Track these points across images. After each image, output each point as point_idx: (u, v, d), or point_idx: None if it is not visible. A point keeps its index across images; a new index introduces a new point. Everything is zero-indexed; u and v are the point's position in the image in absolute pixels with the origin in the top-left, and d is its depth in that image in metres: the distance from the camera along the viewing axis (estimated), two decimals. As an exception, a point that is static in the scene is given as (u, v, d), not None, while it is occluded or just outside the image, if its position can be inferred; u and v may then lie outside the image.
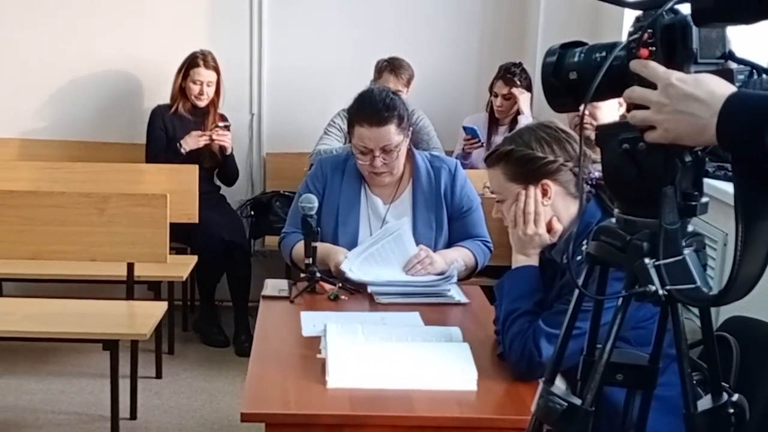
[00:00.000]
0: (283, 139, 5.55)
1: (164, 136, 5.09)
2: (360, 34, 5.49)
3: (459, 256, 3.11)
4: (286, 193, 5.06)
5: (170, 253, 4.17)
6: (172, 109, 5.10)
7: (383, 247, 3.04)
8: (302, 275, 3.00)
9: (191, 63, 5.06)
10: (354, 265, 2.99)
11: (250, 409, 2.07)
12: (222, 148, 5.08)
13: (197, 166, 4.88)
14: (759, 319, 2.15)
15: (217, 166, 5.21)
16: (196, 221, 4.77)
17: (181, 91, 5.10)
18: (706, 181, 2.91)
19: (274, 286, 3.02)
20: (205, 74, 5.06)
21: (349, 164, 3.23)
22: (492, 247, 3.24)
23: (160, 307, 3.95)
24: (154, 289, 4.60)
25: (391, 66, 4.95)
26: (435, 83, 5.41)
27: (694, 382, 1.69)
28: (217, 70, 5.11)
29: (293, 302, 2.86)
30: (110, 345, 3.59)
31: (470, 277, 3.15)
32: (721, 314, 2.46)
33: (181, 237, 4.84)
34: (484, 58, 5.50)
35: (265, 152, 5.50)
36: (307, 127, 5.20)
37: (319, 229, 2.98)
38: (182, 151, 5.02)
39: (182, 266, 4.63)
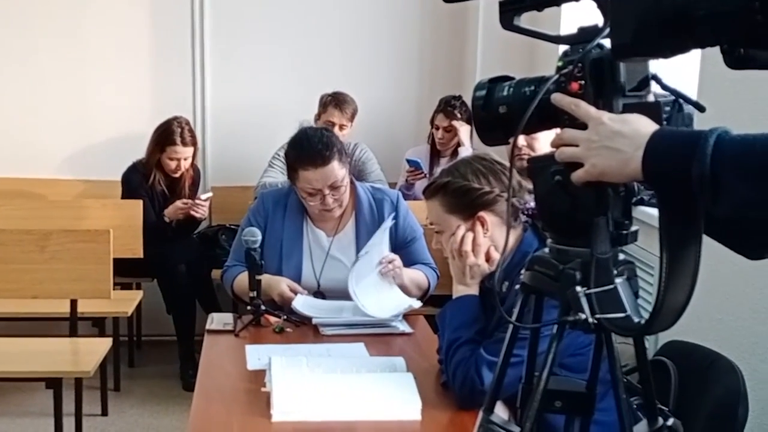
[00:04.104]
0: (227, 172, 5.55)
1: (149, 201, 4.98)
2: (303, 69, 5.53)
3: (415, 276, 3.16)
4: (232, 227, 5.06)
5: (115, 289, 4.14)
6: (149, 181, 4.98)
7: (372, 245, 3.05)
8: (248, 308, 3.00)
9: (168, 140, 4.91)
10: (353, 280, 2.98)
11: (194, 446, 2.07)
12: (197, 218, 5.02)
13: (141, 201, 4.86)
14: (695, 343, 2.20)
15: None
16: (141, 256, 4.75)
17: (157, 164, 5.00)
18: (644, 209, 2.99)
19: (219, 319, 3.02)
20: (182, 152, 4.95)
21: (291, 198, 3.24)
22: (438, 271, 3.27)
23: (104, 344, 3.91)
24: (98, 325, 4.55)
25: (335, 100, 5.00)
26: (378, 117, 5.48)
27: (635, 406, 1.73)
28: (194, 143, 5.02)
29: (238, 336, 2.86)
30: (53, 383, 3.55)
31: (424, 298, 3.16)
32: (661, 339, 2.51)
33: (144, 271, 4.91)
34: (425, 91, 5.58)
35: (210, 186, 5.48)
36: (252, 161, 5.22)
37: (262, 262, 2.98)
38: (166, 220, 4.97)
39: (127, 302, 4.61)
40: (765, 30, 1.13)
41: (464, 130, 4.98)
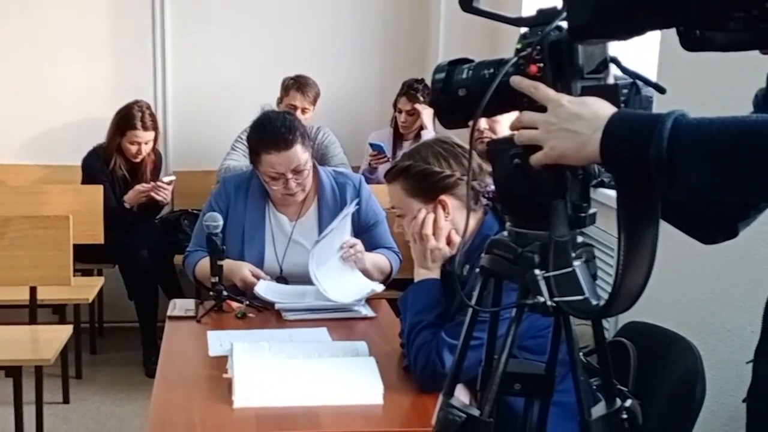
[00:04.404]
0: (189, 157, 5.51)
1: (110, 186, 4.93)
2: (265, 52, 5.50)
3: (377, 260, 3.15)
4: (194, 212, 5.02)
5: (75, 275, 4.10)
6: (110, 166, 4.93)
7: (334, 230, 3.03)
8: (211, 293, 2.98)
9: (129, 124, 4.86)
10: (313, 264, 2.96)
11: (154, 434, 2.05)
12: (160, 201, 4.97)
13: (102, 187, 4.82)
14: (654, 324, 2.21)
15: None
16: (102, 242, 4.70)
17: (117, 148, 4.94)
18: (604, 191, 3.00)
19: (181, 306, 3.00)
20: (143, 136, 4.90)
21: (254, 183, 3.21)
22: (400, 255, 3.27)
23: (64, 331, 3.87)
24: (59, 312, 4.51)
25: (297, 84, 4.97)
26: (340, 100, 5.46)
27: (594, 387, 1.74)
28: (155, 127, 4.97)
29: (200, 322, 2.84)
30: (13, 371, 3.51)
31: (386, 282, 3.16)
32: (620, 320, 2.53)
33: (105, 257, 4.88)
34: (387, 74, 5.56)
35: (171, 170, 5.43)
36: (214, 145, 5.18)
37: (224, 247, 2.96)
38: (126, 206, 4.92)
39: (88, 288, 4.56)
40: (720, 12, 1.13)
41: (427, 114, 4.97)
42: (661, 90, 1.42)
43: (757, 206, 1.57)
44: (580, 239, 1.45)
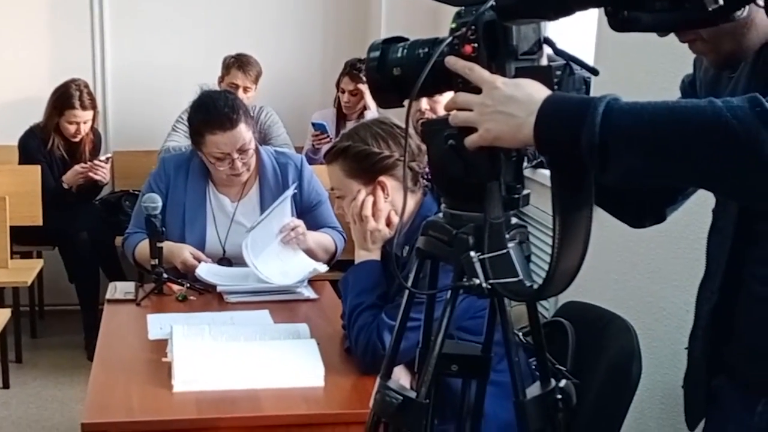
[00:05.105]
0: (130, 136, 5.42)
1: (48, 166, 4.85)
2: (206, 31, 5.42)
3: (321, 239, 3.13)
4: (135, 192, 4.94)
5: (14, 258, 4.02)
6: (47, 146, 4.84)
7: (272, 214, 3.00)
8: (151, 276, 2.94)
9: (66, 103, 4.77)
10: (248, 243, 2.94)
11: (91, 419, 2.02)
12: (99, 181, 4.89)
13: (39, 167, 4.74)
14: (593, 304, 2.24)
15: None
16: (40, 224, 4.63)
17: (55, 128, 4.85)
18: (544, 171, 3.00)
19: (121, 288, 2.97)
20: (81, 115, 4.82)
21: (194, 163, 3.18)
22: (345, 235, 3.25)
23: (2, 314, 3.82)
24: (-4, 295, 4.44)
25: (238, 62, 4.92)
26: (283, 80, 5.41)
27: (533, 366, 1.75)
28: (93, 106, 4.89)
29: (139, 305, 2.81)
30: (-51, 356, 3.46)
31: (331, 262, 3.15)
32: (560, 299, 2.55)
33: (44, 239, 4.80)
34: (330, 54, 5.52)
35: (112, 150, 5.34)
36: (155, 124, 5.11)
37: (164, 229, 2.92)
38: (65, 186, 4.82)
39: (27, 271, 4.50)
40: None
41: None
42: (594, 72, 1.43)
43: (684, 192, 1.59)
44: (514, 221, 1.45)
